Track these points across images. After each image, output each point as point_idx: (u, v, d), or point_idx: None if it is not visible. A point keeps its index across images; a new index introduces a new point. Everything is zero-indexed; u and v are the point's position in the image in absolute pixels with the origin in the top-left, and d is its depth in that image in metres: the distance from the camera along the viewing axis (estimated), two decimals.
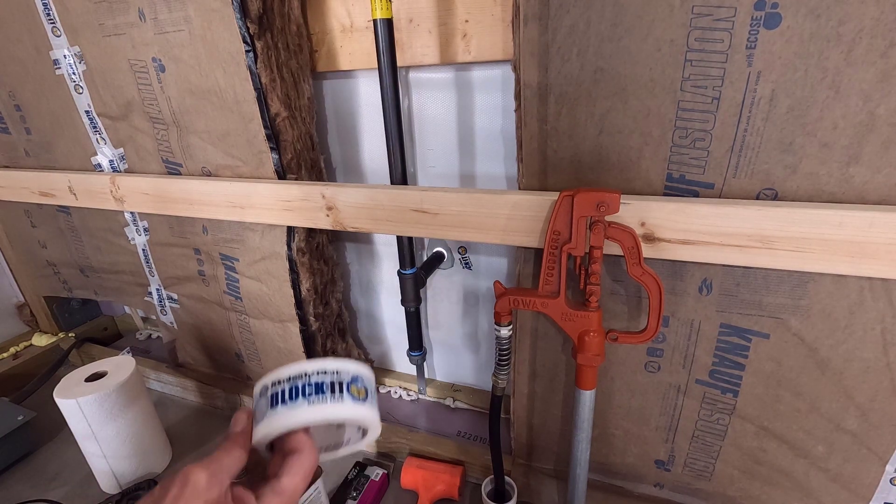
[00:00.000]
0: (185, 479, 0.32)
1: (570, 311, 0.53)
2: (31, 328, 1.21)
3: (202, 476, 0.32)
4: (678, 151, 0.48)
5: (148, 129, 0.77)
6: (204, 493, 0.32)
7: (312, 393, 0.34)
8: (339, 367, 0.36)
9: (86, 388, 0.69)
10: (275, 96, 0.65)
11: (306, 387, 0.34)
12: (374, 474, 0.72)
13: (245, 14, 0.60)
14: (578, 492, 0.60)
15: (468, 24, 0.61)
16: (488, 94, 0.66)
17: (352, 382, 0.36)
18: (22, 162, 0.96)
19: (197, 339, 0.94)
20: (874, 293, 0.45)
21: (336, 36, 0.69)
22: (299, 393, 0.34)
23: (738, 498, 0.60)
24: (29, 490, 0.77)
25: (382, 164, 0.76)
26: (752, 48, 0.42)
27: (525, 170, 0.55)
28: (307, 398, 0.34)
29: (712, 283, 0.51)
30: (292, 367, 0.35)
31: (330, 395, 0.34)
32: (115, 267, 0.98)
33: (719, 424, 0.57)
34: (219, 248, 0.80)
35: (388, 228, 0.63)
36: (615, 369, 0.59)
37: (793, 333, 0.49)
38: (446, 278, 0.81)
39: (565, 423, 0.65)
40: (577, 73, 0.48)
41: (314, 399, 0.34)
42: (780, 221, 0.44)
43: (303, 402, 0.34)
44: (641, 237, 0.49)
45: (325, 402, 0.34)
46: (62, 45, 0.77)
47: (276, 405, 0.34)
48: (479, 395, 0.89)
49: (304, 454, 0.34)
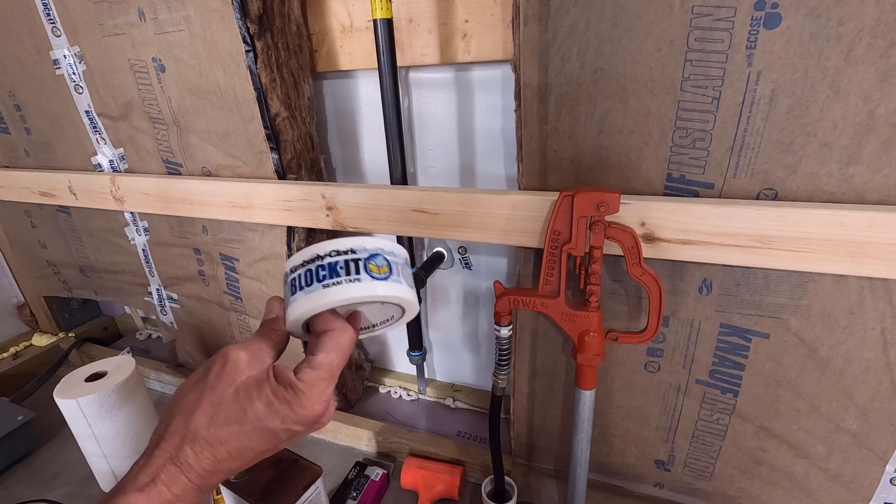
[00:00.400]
0: (225, 358, 0.33)
1: (570, 311, 0.53)
2: (31, 328, 1.21)
3: (242, 354, 0.34)
4: (678, 151, 0.48)
5: (148, 129, 0.77)
6: (245, 369, 0.33)
7: (327, 276, 0.33)
8: (355, 244, 0.34)
9: (86, 388, 0.69)
10: (275, 96, 0.65)
11: (320, 269, 0.33)
12: (374, 474, 0.72)
13: (245, 14, 0.60)
14: (578, 492, 0.60)
15: (468, 24, 0.61)
16: (488, 94, 0.66)
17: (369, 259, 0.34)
18: (22, 162, 0.96)
19: (197, 339, 0.94)
20: (874, 293, 0.45)
21: (336, 36, 0.69)
22: (313, 278, 0.33)
23: (738, 498, 0.60)
24: (29, 490, 0.77)
25: (382, 164, 0.76)
26: (752, 48, 0.42)
27: (525, 170, 0.55)
28: (321, 282, 0.33)
29: (712, 283, 0.51)
30: (307, 250, 0.34)
31: (345, 276, 0.33)
32: (115, 267, 0.98)
33: (719, 424, 0.57)
34: (219, 248, 0.80)
35: (388, 228, 0.63)
36: (615, 369, 0.59)
37: (793, 333, 0.49)
38: (446, 278, 0.81)
39: (565, 423, 0.65)
40: (577, 73, 0.48)
41: (328, 282, 0.33)
42: (780, 221, 0.44)
43: (317, 286, 0.33)
44: (641, 237, 0.49)
45: (339, 285, 0.33)
46: (62, 45, 0.77)
47: (295, 291, 0.34)
48: (479, 395, 0.89)
49: (337, 331, 0.34)
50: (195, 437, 0.31)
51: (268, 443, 0.33)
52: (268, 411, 0.32)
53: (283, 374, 0.34)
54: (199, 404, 0.32)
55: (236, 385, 0.32)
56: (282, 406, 0.32)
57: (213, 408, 0.32)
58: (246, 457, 0.33)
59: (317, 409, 0.33)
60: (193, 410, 0.32)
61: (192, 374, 0.35)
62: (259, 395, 0.32)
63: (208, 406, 0.32)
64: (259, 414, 0.32)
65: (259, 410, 0.32)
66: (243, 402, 0.32)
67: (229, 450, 0.32)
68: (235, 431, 0.32)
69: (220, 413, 0.32)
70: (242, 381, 0.33)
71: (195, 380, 0.34)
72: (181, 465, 0.31)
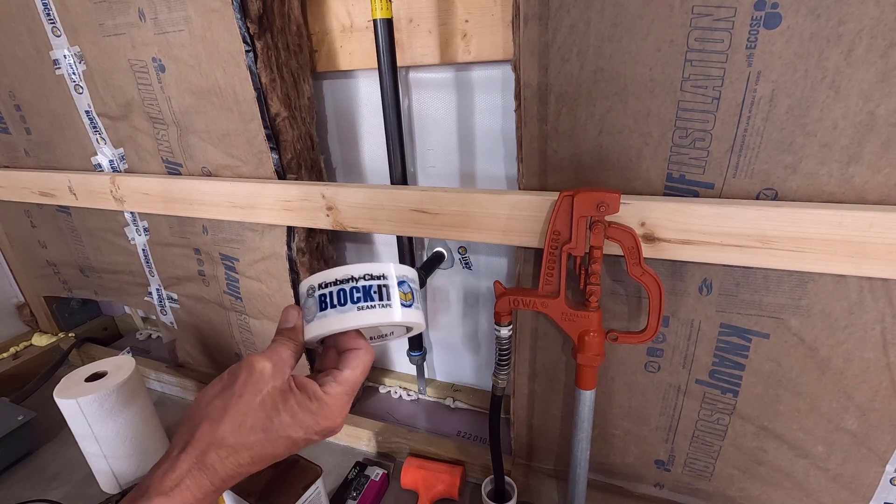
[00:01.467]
0: (251, 367, 0.35)
1: (570, 311, 0.53)
2: (31, 328, 1.21)
3: (267, 365, 0.35)
4: (678, 151, 0.48)
5: (148, 129, 0.77)
6: (270, 379, 0.34)
7: (362, 298, 0.35)
8: (386, 271, 0.36)
9: (86, 388, 0.69)
10: (275, 96, 0.65)
11: (354, 291, 0.35)
12: (374, 474, 0.72)
13: (245, 14, 0.60)
14: (578, 492, 0.60)
15: (468, 24, 0.61)
16: (488, 94, 0.66)
17: (398, 286, 0.36)
18: (22, 162, 0.96)
19: (197, 338, 0.94)
20: (874, 293, 0.45)
21: (336, 36, 0.69)
22: (348, 298, 0.35)
23: (738, 498, 0.60)
24: (29, 490, 0.77)
25: (382, 164, 0.76)
26: (752, 48, 0.42)
27: (525, 170, 0.55)
28: (356, 303, 0.35)
29: (712, 283, 0.51)
30: (339, 269, 0.36)
31: (378, 300, 0.35)
32: (115, 267, 0.98)
33: (719, 424, 0.57)
34: (219, 247, 0.80)
35: (388, 228, 0.63)
36: (615, 369, 0.59)
37: (793, 333, 0.49)
38: (446, 278, 0.81)
39: (565, 423, 0.65)
40: (577, 73, 0.48)
41: (363, 305, 0.35)
42: (780, 221, 0.44)
43: (352, 307, 0.35)
44: (641, 237, 0.49)
45: (374, 308, 0.35)
46: (62, 45, 0.77)
47: (325, 308, 0.35)
48: (479, 395, 0.89)
49: (363, 351, 0.37)
50: (221, 444, 0.32)
51: (288, 450, 0.35)
52: (292, 421, 0.34)
53: (307, 386, 0.35)
54: (226, 411, 0.33)
55: (262, 395, 0.34)
56: (306, 416, 0.34)
57: (240, 416, 0.33)
58: (265, 461, 0.34)
59: (338, 422, 0.36)
60: (221, 417, 0.33)
61: (215, 381, 0.36)
62: (285, 405, 0.34)
63: (236, 414, 0.33)
64: (284, 423, 0.34)
65: (284, 420, 0.34)
66: (269, 411, 0.33)
67: (252, 455, 0.33)
68: (261, 439, 0.33)
69: (248, 421, 0.33)
70: (268, 390, 0.34)
71: (220, 387, 0.35)
72: (206, 470, 0.32)
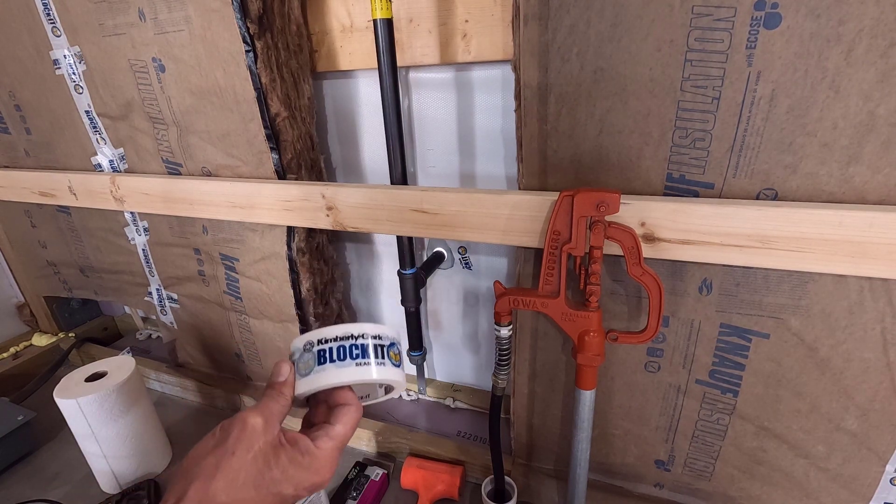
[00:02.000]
0: (243, 423, 0.35)
1: (570, 311, 0.53)
2: (31, 328, 1.21)
3: (259, 420, 0.35)
4: (678, 151, 0.48)
5: (148, 129, 0.77)
6: (261, 435, 0.35)
7: (360, 355, 0.38)
8: (380, 332, 0.40)
9: (86, 388, 0.69)
10: (275, 96, 0.65)
11: (353, 348, 0.38)
12: (374, 474, 0.72)
13: (245, 14, 0.60)
14: (578, 492, 0.60)
15: (468, 24, 0.61)
16: (488, 94, 0.66)
17: (390, 347, 0.40)
18: (22, 162, 0.96)
19: (197, 339, 0.94)
20: (874, 293, 0.45)
21: (336, 36, 0.69)
22: (347, 354, 0.37)
23: (738, 498, 0.60)
24: (29, 490, 0.77)
25: (382, 164, 0.76)
26: (752, 48, 0.42)
27: (525, 170, 0.55)
28: (354, 359, 0.37)
29: (712, 283, 0.51)
30: (338, 328, 0.39)
31: (374, 358, 0.38)
32: (115, 267, 0.98)
33: (719, 424, 0.57)
34: (219, 247, 0.80)
35: (387, 228, 0.63)
36: (615, 369, 0.59)
37: (793, 333, 0.49)
38: (446, 278, 0.81)
39: (565, 423, 0.65)
40: (577, 73, 0.48)
41: (361, 361, 0.38)
42: (780, 221, 0.44)
43: (350, 362, 0.37)
44: (641, 237, 0.49)
45: (370, 365, 0.38)
46: (62, 45, 0.77)
47: (324, 362, 0.37)
48: (479, 395, 0.89)
49: (354, 407, 0.39)
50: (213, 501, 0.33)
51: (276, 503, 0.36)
52: (283, 477, 0.35)
53: (299, 442, 0.36)
54: (219, 468, 0.33)
55: (254, 451, 0.34)
56: (297, 471, 0.35)
57: (232, 472, 0.33)
58: None
59: (326, 477, 0.37)
60: (213, 475, 0.33)
61: (208, 436, 0.36)
62: (276, 461, 0.35)
63: (228, 471, 0.33)
64: (275, 479, 0.34)
65: (275, 475, 0.34)
66: (261, 467, 0.34)
67: None
68: (252, 496, 0.34)
69: (240, 477, 0.34)
70: (260, 445, 0.35)
71: (213, 443, 0.35)
72: None
